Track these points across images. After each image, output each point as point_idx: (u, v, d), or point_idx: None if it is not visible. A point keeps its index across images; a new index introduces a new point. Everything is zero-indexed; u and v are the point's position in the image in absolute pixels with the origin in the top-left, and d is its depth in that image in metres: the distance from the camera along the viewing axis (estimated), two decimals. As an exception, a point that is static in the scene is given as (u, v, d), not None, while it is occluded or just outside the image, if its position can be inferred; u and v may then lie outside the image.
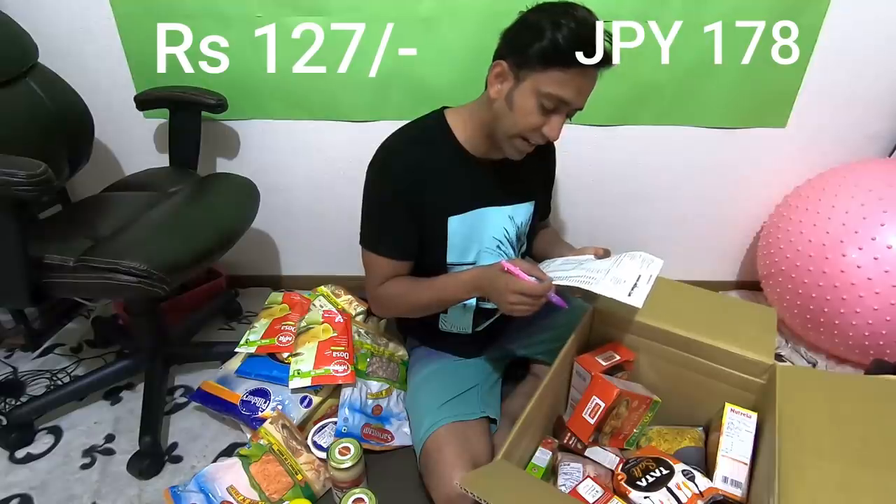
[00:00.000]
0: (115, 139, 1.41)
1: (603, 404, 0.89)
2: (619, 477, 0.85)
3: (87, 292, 0.98)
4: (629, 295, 0.79)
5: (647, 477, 0.82)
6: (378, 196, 0.93)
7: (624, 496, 0.82)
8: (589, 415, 0.91)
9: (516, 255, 1.07)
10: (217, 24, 1.22)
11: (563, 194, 1.48)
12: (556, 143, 0.95)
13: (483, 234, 0.99)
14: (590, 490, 0.82)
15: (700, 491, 0.79)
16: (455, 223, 0.95)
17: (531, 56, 0.79)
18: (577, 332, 0.98)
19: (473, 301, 1.04)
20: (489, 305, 1.06)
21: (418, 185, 0.90)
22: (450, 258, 0.98)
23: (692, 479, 0.81)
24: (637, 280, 0.83)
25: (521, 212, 1.03)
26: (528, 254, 1.14)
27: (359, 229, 0.97)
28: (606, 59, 0.79)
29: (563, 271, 0.88)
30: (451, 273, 0.97)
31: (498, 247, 1.02)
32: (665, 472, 0.83)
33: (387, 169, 0.92)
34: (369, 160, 0.93)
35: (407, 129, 0.95)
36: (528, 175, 1.01)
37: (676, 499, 0.78)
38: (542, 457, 0.94)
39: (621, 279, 0.82)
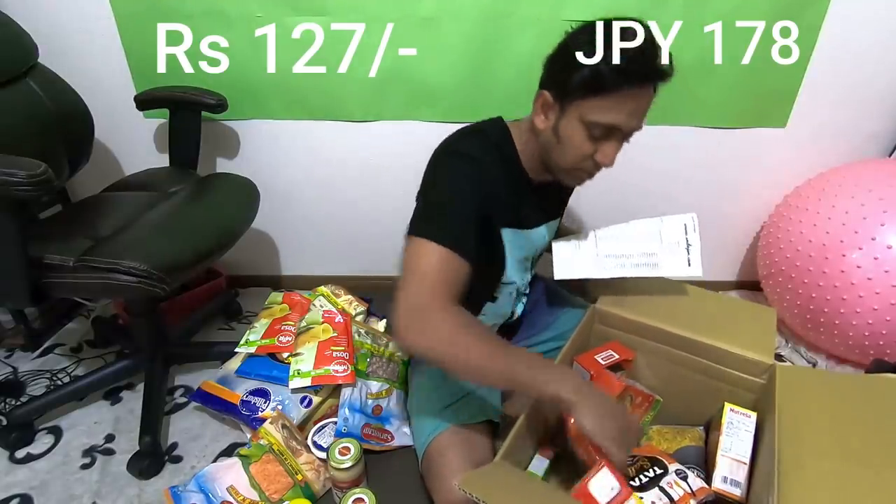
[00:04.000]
0: (115, 139, 1.41)
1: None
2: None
3: (87, 292, 0.98)
4: (689, 266, 0.96)
5: (641, 476, 0.82)
6: (454, 185, 0.80)
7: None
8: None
9: (532, 267, 1.08)
10: (217, 24, 1.22)
11: (563, 194, 1.48)
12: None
13: (524, 252, 0.99)
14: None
15: (692, 490, 0.79)
16: (508, 243, 0.93)
17: (573, 86, 0.74)
18: (577, 331, 0.98)
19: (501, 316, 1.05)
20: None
21: (490, 198, 0.82)
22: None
23: (685, 478, 0.81)
24: (686, 248, 0.96)
25: (553, 227, 1.04)
26: None
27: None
28: (660, 74, 0.73)
29: (618, 260, 0.98)
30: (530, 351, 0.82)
31: (524, 260, 1.01)
32: (659, 471, 0.83)
33: (467, 170, 0.81)
34: (435, 158, 0.84)
35: (476, 137, 0.85)
36: (565, 193, 1.02)
37: (669, 497, 0.78)
38: (539, 465, 0.93)
39: (675, 252, 0.93)
